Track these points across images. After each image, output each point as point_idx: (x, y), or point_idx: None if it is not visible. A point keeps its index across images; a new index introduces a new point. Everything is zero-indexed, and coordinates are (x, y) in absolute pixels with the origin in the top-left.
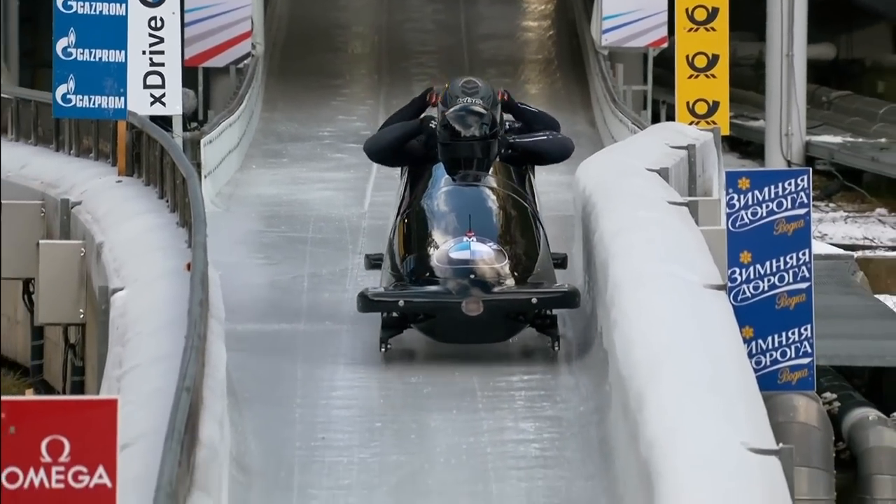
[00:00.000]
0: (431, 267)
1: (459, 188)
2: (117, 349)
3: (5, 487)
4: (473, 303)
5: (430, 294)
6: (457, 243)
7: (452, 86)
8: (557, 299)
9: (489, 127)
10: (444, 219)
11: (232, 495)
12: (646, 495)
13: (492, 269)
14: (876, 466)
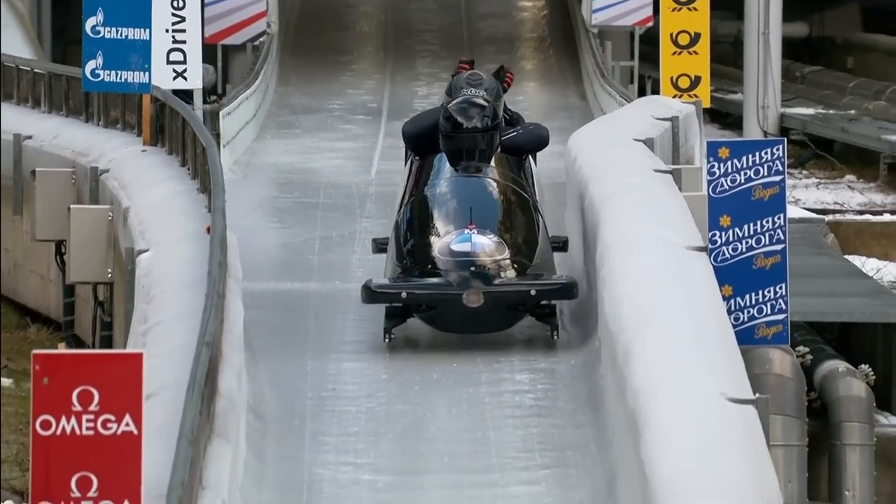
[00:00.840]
0: (433, 258)
1: (461, 179)
2: (142, 306)
3: (39, 434)
4: (474, 294)
5: (432, 286)
6: (458, 235)
7: (458, 78)
8: (556, 291)
9: (491, 119)
10: (446, 210)
11: (249, 442)
12: (632, 441)
13: (492, 261)
14: (845, 414)
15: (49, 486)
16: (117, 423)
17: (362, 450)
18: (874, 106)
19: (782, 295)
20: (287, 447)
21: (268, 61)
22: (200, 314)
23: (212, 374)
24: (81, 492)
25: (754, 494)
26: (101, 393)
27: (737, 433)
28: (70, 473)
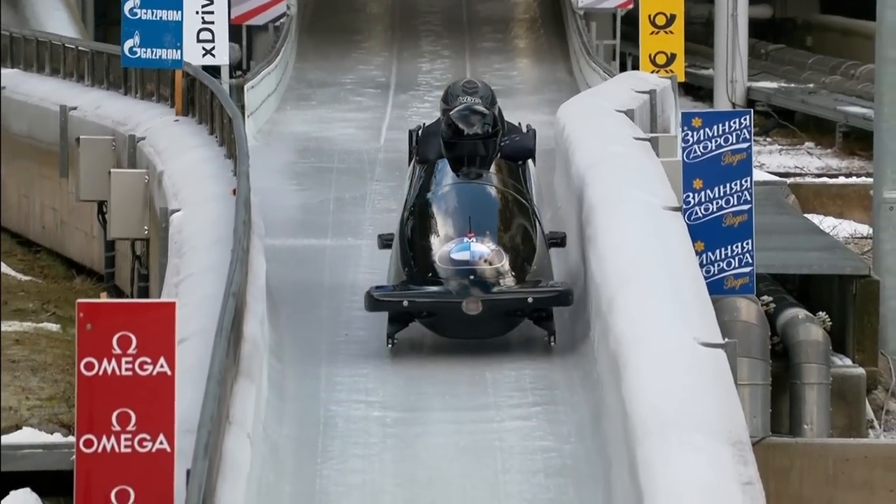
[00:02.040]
0: (434, 267)
1: (462, 187)
2: (175, 260)
3: (83, 374)
4: (473, 303)
5: (433, 294)
6: (458, 244)
7: (453, 86)
8: (552, 298)
9: (491, 126)
10: (447, 218)
11: (271, 382)
12: (615, 382)
13: (491, 269)
14: (804, 356)
15: (92, 420)
16: (153, 364)
17: (372, 389)
18: (830, 80)
19: (749, 250)
20: (304, 386)
21: (287, 40)
22: (227, 267)
23: (237, 321)
24: (121, 426)
25: (723, 428)
26: (139, 338)
27: (708, 374)
28: (111, 410)
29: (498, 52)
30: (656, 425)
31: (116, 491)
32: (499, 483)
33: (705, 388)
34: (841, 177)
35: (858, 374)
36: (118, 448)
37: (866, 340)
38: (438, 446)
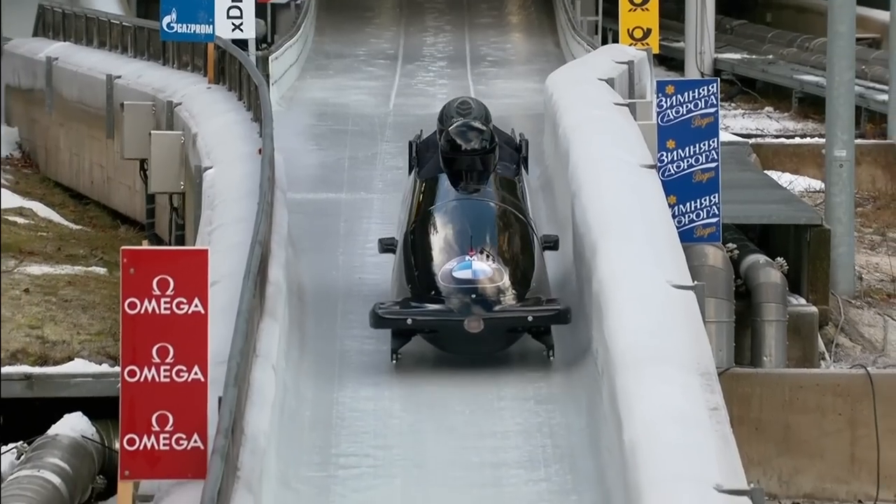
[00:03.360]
0: (437, 285)
1: (462, 203)
2: (208, 212)
3: (127, 313)
4: (475, 321)
5: (436, 313)
6: (459, 262)
7: (448, 107)
8: (551, 317)
9: (488, 142)
10: (449, 235)
11: (292, 319)
12: (598, 319)
13: (492, 287)
14: (764, 297)
15: (136, 353)
16: (188, 304)
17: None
18: (787, 52)
19: (715, 203)
20: (323, 324)
21: (307, 17)
22: (254, 218)
23: (263, 266)
24: (160, 358)
25: (692, 360)
26: (176, 280)
27: (679, 312)
28: (152, 344)
29: (493, 27)
30: (634, 358)
31: (157, 415)
32: (494, 409)
33: (677, 325)
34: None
35: (811, 312)
36: (158, 378)
37: (818, 282)
38: (441, 377)
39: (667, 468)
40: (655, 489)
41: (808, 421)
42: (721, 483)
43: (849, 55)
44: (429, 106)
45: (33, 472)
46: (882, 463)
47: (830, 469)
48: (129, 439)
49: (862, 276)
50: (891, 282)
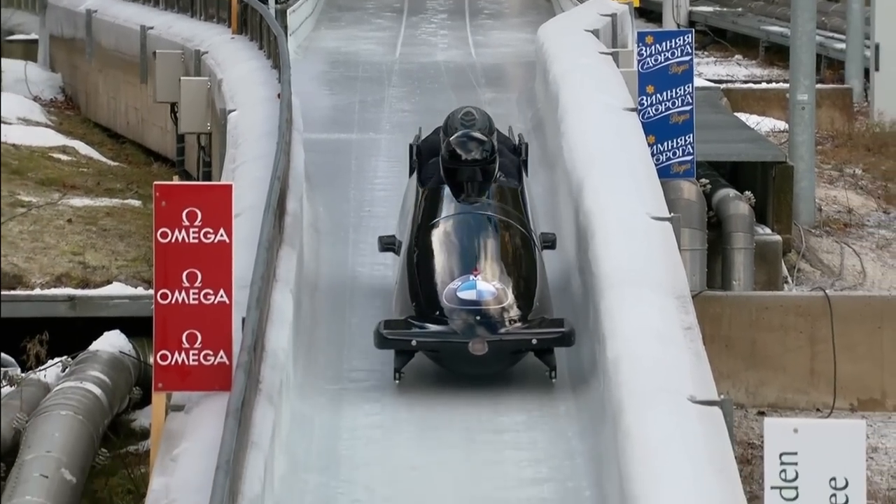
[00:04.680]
0: (440, 305)
1: (466, 217)
2: (231, 150)
3: (159, 241)
4: (479, 343)
5: (440, 334)
6: (463, 282)
7: (452, 118)
8: (556, 339)
9: (489, 152)
10: (452, 252)
11: (308, 248)
12: (583, 249)
13: (496, 308)
14: (734, 227)
15: (167, 278)
16: (214, 234)
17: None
18: (755, 5)
19: (690, 142)
20: (336, 252)
21: None
22: (273, 156)
23: (281, 199)
24: (190, 283)
25: (668, 284)
26: (203, 213)
27: (657, 241)
28: (182, 269)
29: None
30: (615, 282)
31: (186, 334)
32: None
33: (655, 252)
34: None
35: (776, 241)
36: (187, 300)
37: (782, 214)
38: None
39: (645, 381)
40: (635, 400)
41: (773, 338)
42: (694, 394)
43: (810, 8)
44: (431, 55)
45: (77, 384)
46: (838, 376)
47: (792, 381)
48: (161, 355)
49: (821, 208)
50: (847, 213)
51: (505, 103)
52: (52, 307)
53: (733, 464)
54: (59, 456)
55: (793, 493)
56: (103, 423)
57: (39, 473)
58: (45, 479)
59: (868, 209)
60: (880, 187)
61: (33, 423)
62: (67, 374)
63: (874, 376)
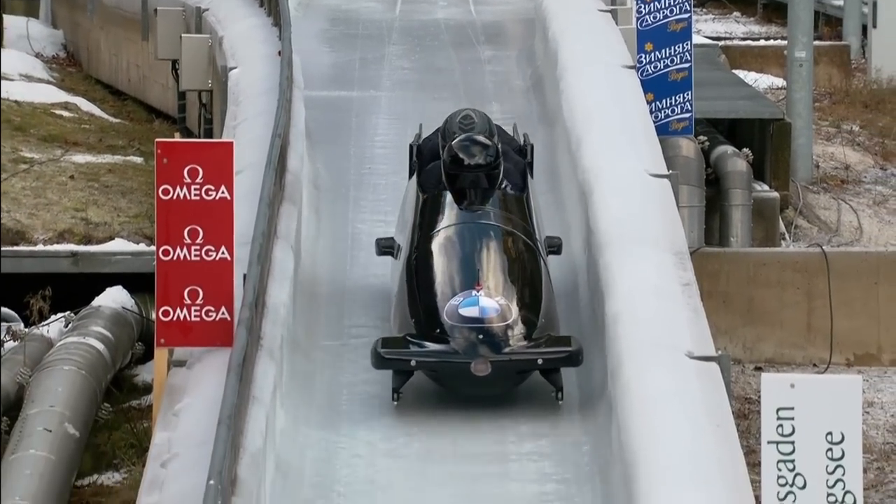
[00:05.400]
0: (441, 322)
1: (468, 227)
2: (233, 107)
3: (161, 198)
4: (482, 363)
5: (440, 354)
6: (465, 297)
7: (450, 122)
8: (562, 359)
9: (493, 157)
10: (454, 266)
11: (309, 204)
12: (581, 206)
13: (500, 326)
14: (731, 183)
15: (169, 235)
16: (216, 191)
17: (390, 211)
18: None
19: (689, 99)
20: (336, 208)
21: None
22: (274, 113)
23: (282, 157)
24: (191, 239)
25: (667, 239)
26: (204, 170)
27: (656, 198)
28: (183, 226)
29: None
30: (614, 237)
31: (188, 290)
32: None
33: (653, 209)
34: (761, 40)
35: (773, 197)
36: (189, 256)
37: (780, 170)
38: None
39: (644, 337)
40: (634, 356)
41: (770, 294)
42: (692, 350)
43: None
44: (431, 12)
45: (79, 339)
46: (835, 331)
47: (789, 337)
48: (163, 311)
49: (819, 165)
50: (844, 169)
51: (504, 61)
52: (55, 263)
53: (730, 419)
54: (63, 410)
55: (789, 448)
56: (106, 378)
57: (43, 427)
58: (48, 433)
59: (865, 165)
60: (877, 144)
61: (37, 378)
62: (70, 329)
63: (870, 332)
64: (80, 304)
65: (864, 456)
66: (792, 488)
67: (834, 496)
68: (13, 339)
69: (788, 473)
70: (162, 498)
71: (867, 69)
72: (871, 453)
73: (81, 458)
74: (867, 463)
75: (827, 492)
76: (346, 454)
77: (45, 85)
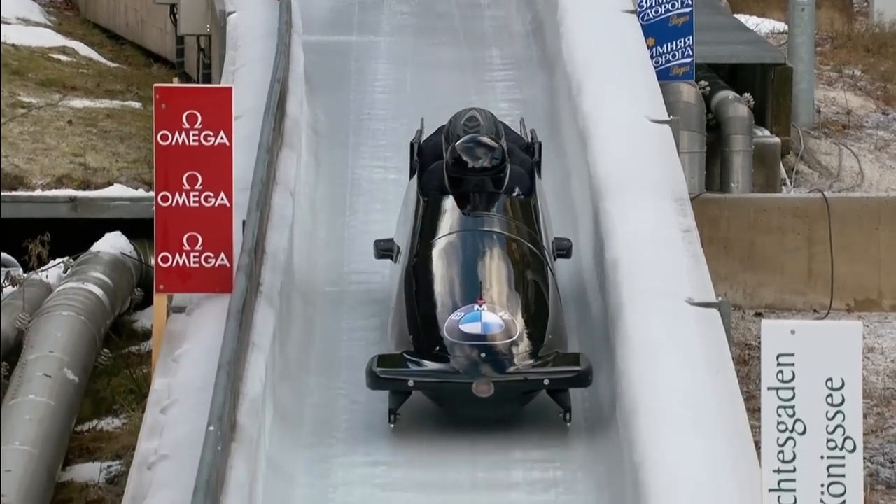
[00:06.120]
0: (441, 339)
1: (471, 235)
2: (231, 52)
3: (159, 144)
4: (484, 384)
5: (439, 373)
6: (467, 313)
7: (454, 123)
8: (570, 380)
9: (499, 160)
10: (455, 278)
11: (308, 150)
12: (581, 150)
13: (504, 344)
14: (732, 129)
15: (168, 180)
16: (214, 136)
17: (390, 157)
18: None
19: (690, 44)
20: (336, 154)
21: None
22: (273, 58)
23: (281, 102)
24: (190, 185)
25: (667, 185)
26: (203, 115)
27: (656, 144)
28: (182, 172)
29: None
30: (614, 184)
31: (187, 236)
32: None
33: (654, 155)
34: None
35: (775, 143)
36: (188, 203)
37: (781, 115)
38: None
39: (644, 284)
40: (634, 303)
41: (771, 240)
42: (692, 297)
43: None
44: None
45: (79, 285)
46: (835, 277)
47: (790, 283)
48: (162, 257)
49: (820, 110)
50: (846, 114)
51: (504, 5)
52: (54, 208)
53: (730, 365)
54: (62, 356)
55: (789, 394)
56: (105, 324)
57: (42, 373)
58: (47, 379)
59: (867, 110)
60: (879, 88)
61: (36, 324)
62: (69, 275)
63: (871, 277)
64: (79, 250)
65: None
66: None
67: (834, 442)
68: (12, 284)
69: (788, 419)
70: (162, 443)
71: (869, 13)
72: (871, 399)
73: (81, 403)
74: (867, 408)
75: (827, 437)
76: (345, 401)
77: (43, 28)
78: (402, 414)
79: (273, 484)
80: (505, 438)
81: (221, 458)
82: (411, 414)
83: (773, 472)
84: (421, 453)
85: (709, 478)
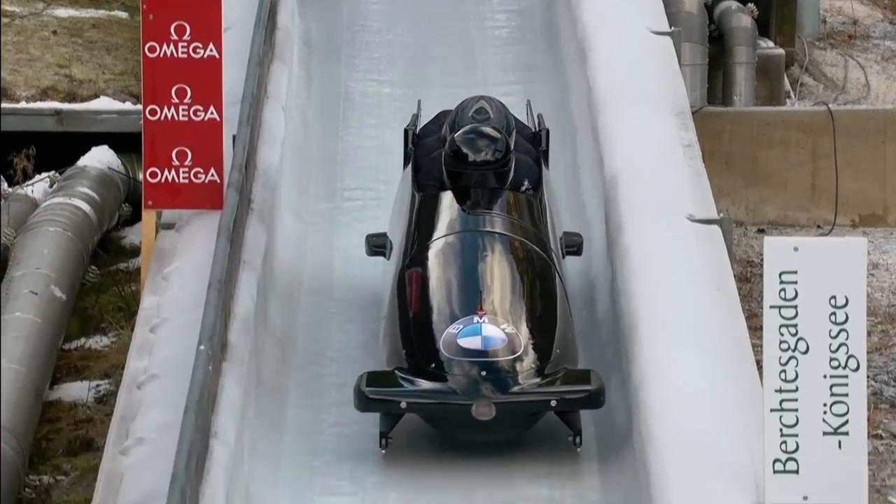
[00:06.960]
0: (437, 354)
1: (470, 239)
2: None
3: (147, 56)
4: (485, 406)
5: (436, 394)
6: (466, 325)
7: (460, 113)
8: (580, 400)
9: (503, 153)
10: (453, 286)
11: (300, 63)
12: (580, 64)
13: (507, 360)
14: (736, 40)
15: (156, 94)
16: (204, 49)
17: (383, 70)
18: None
19: None
20: (328, 67)
21: None
22: None
23: (272, 13)
24: (179, 98)
25: (668, 100)
26: (192, 26)
27: (657, 57)
28: (170, 85)
29: None
30: (613, 98)
31: (176, 151)
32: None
33: (654, 68)
34: None
35: (779, 54)
36: (177, 116)
37: (786, 26)
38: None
39: (644, 199)
40: (634, 219)
41: (774, 154)
42: (693, 213)
43: None
44: None
45: (65, 200)
46: (840, 192)
47: (793, 198)
48: (151, 172)
49: (826, 19)
50: (852, 24)
51: None
52: (39, 121)
53: (732, 282)
54: (49, 273)
55: (792, 312)
56: (93, 240)
57: (29, 290)
58: (34, 296)
59: (874, 20)
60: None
61: (22, 240)
62: (55, 189)
63: (876, 192)
64: (65, 164)
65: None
66: (794, 353)
67: (837, 360)
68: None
69: (791, 338)
70: (151, 362)
71: None
72: (876, 316)
73: (68, 321)
74: (871, 326)
75: (830, 356)
76: (338, 319)
77: None
78: (393, 437)
79: (264, 404)
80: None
81: (212, 377)
82: (404, 437)
83: (774, 391)
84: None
85: (709, 397)
